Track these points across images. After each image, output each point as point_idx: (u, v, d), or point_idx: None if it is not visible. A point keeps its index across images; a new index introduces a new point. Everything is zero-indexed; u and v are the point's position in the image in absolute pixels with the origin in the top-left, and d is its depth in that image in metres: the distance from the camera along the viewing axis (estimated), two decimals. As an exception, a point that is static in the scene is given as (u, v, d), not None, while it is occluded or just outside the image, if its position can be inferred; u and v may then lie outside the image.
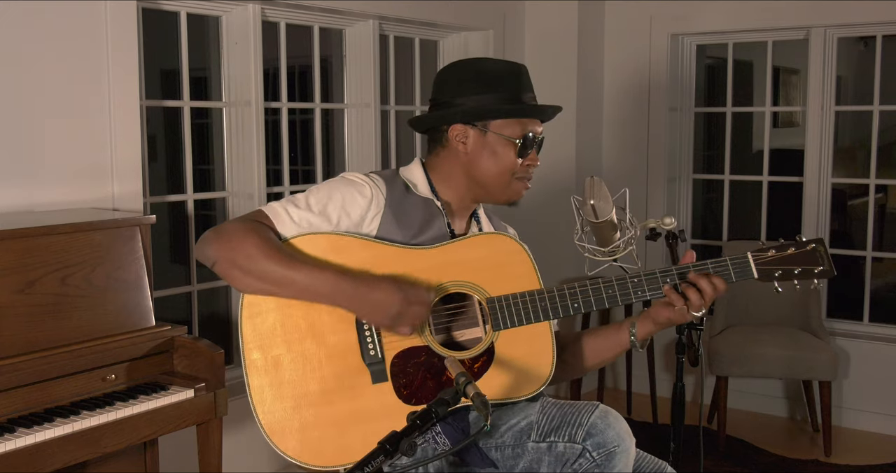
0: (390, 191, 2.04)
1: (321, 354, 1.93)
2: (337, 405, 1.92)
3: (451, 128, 2.07)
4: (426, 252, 2.00)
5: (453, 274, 2.00)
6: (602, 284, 2.02)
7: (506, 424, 1.97)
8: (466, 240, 2.04)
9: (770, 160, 4.91)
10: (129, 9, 3.08)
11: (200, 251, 1.92)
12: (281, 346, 1.92)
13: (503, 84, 2.05)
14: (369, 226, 2.00)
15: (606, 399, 4.79)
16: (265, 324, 1.92)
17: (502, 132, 2.04)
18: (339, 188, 2.00)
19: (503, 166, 2.05)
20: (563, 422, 1.89)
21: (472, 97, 2.04)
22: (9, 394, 2.26)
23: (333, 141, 5.78)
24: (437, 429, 1.98)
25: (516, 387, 1.98)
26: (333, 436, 1.90)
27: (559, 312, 2.01)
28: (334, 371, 1.93)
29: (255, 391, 1.91)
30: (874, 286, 4.71)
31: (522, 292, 2.01)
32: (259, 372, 1.91)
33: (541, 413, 1.94)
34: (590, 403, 1.92)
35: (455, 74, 2.11)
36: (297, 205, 1.96)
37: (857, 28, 4.56)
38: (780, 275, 2.05)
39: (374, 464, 1.49)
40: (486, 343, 2.00)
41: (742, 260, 2.05)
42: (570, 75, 4.81)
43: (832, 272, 2.06)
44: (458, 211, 2.14)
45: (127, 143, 3.10)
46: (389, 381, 1.94)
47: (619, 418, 1.89)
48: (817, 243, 2.06)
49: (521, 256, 2.04)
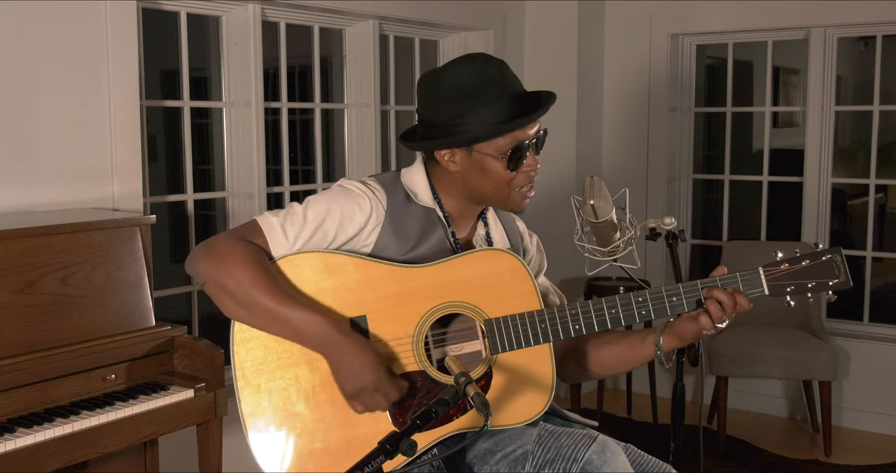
0: (391, 202, 1.98)
1: (315, 380, 1.88)
2: (331, 433, 1.87)
3: (437, 152, 1.99)
4: (422, 270, 1.93)
5: (450, 294, 1.93)
6: (605, 304, 1.95)
7: (501, 451, 1.91)
8: (465, 258, 1.95)
9: (770, 160, 4.92)
10: (129, 9, 3.08)
11: (191, 266, 1.87)
12: (274, 372, 1.87)
13: (486, 97, 1.92)
14: (367, 240, 1.95)
15: (606, 400, 4.79)
16: (257, 350, 1.87)
17: (487, 151, 1.93)
18: (338, 201, 1.94)
19: (497, 180, 1.96)
20: (557, 455, 1.83)
21: (455, 120, 1.92)
22: (9, 394, 2.26)
23: (333, 141, 5.79)
24: (433, 452, 1.93)
25: (515, 412, 1.92)
26: (328, 465, 1.86)
27: (560, 335, 1.94)
28: (328, 398, 1.88)
29: (247, 419, 1.87)
30: (874, 286, 4.71)
31: (521, 313, 1.93)
32: (251, 400, 1.87)
33: (537, 443, 1.87)
34: (587, 434, 1.86)
35: (434, 92, 1.98)
36: (294, 221, 1.90)
37: (857, 28, 4.56)
38: (793, 290, 1.96)
39: (374, 464, 1.49)
40: (483, 367, 1.94)
41: (752, 276, 1.96)
42: (570, 75, 4.81)
43: (848, 283, 1.96)
44: (463, 216, 2.08)
45: (127, 143, 3.10)
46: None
47: (616, 452, 1.83)
48: (834, 253, 1.96)
49: (521, 274, 1.96)
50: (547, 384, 1.94)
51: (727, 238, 4.97)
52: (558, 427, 1.92)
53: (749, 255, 4.50)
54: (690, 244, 5.23)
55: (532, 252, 2.22)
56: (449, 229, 2.04)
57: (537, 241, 2.25)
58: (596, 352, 2.11)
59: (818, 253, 1.97)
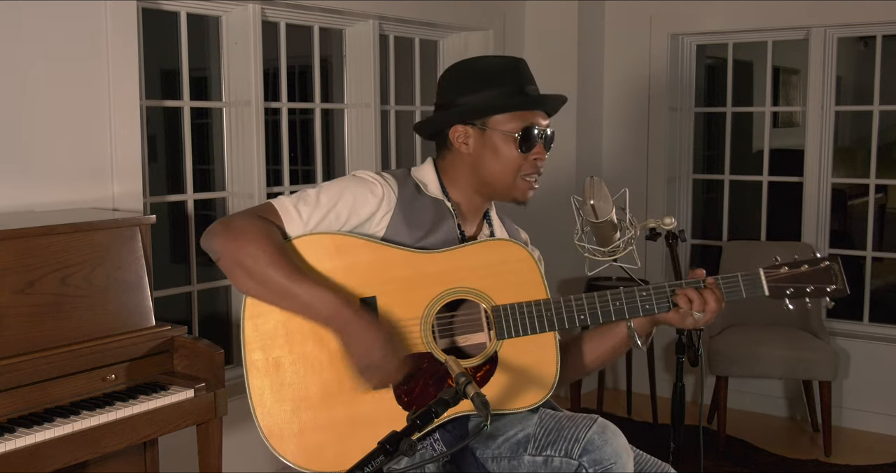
0: (402, 191, 2.02)
1: (323, 357, 1.91)
2: (337, 409, 1.90)
3: (452, 129, 2.05)
4: (433, 256, 1.98)
5: (459, 280, 1.97)
6: (610, 296, 2.00)
7: (503, 435, 1.95)
8: (475, 246, 2.01)
9: (770, 160, 4.91)
10: (129, 9, 3.08)
11: (207, 242, 1.90)
12: (283, 347, 1.91)
13: (501, 79, 2.02)
14: (378, 226, 1.98)
15: (606, 400, 4.79)
16: (267, 324, 1.91)
17: (501, 128, 2.01)
18: (351, 186, 1.98)
19: (506, 163, 2.02)
20: (559, 437, 1.87)
21: (470, 96, 2.02)
22: (9, 394, 2.26)
23: (333, 141, 5.79)
24: (435, 436, 1.96)
25: (519, 398, 1.96)
26: (332, 441, 1.89)
27: (565, 323, 1.99)
28: (336, 375, 1.91)
29: (255, 392, 1.89)
30: (874, 286, 4.71)
31: (528, 302, 1.98)
32: (260, 374, 1.90)
33: (538, 426, 1.91)
34: (588, 417, 1.90)
35: (454, 75, 2.09)
36: (307, 201, 1.94)
37: (857, 28, 4.56)
38: (792, 293, 2.02)
39: (374, 464, 1.49)
40: (489, 351, 1.98)
41: (753, 277, 2.02)
42: (570, 75, 4.81)
43: (846, 291, 2.03)
44: (469, 212, 2.12)
45: (127, 143, 3.10)
46: (390, 387, 1.92)
47: (617, 433, 1.87)
48: (832, 261, 2.04)
49: (528, 264, 2.02)
50: (551, 371, 1.99)
51: (727, 238, 4.97)
52: (559, 412, 1.98)
53: (749, 255, 4.50)
54: (690, 244, 5.23)
55: None
56: (456, 221, 2.08)
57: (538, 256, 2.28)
58: (574, 346, 2.17)
59: (817, 259, 2.04)
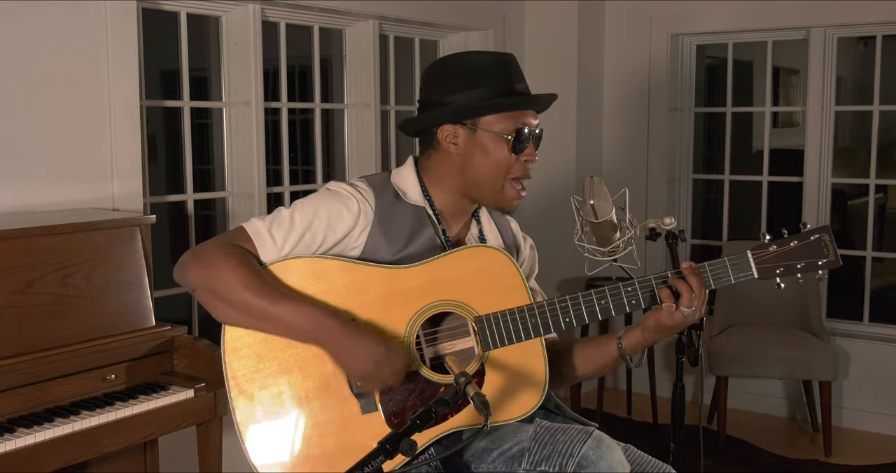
0: (379, 202, 1.96)
1: (308, 386, 1.87)
2: (327, 438, 1.86)
3: (440, 129, 1.98)
4: (410, 270, 1.92)
5: (440, 292, 1.92)
6: (594, 295, 1.94)
7: (498, 449, 1.91)
8: (453, 255, 1.94)
9: (770, 160, 4.92)
10: (129, 9, 3.08)
11: (180, 275, 1.87)
12: (266, 379, 1.86)
13: (490, 77, 1.96)
14: (357, 242, 1.94)
15: (607, 400, 4.79)
16: (249, 358, 1.87)
17: (493, 129, 1.95)
18: (326, 203, 1.93)
19: (496, 164, 1.96)
20: (553, 451, 1.83)
21: (459, 94, 1.95)
22: (9, 394, 2.26)
23: (333, 141, 5.79)
24: (430, 452, 1.92)
25: (508, 409, 1.92)
26: (325, 470, 1.85)
27: (550, 328, 1.93)
28: (322, 403, 1.87)
29: (242, 426, 1.86)
30: (874, 286, 4.71)
31: (511, 309, 1.92)
32: (245, 407, 1.86)
33: (533, 440, 1.87)
34: (583, 429, 1.86)
35: (440, 72, 2.02)
36: (281, 223, 1.89)
37: (857, 28, 4.56)
38: (783, 272, 1.95)
39: (374, 464, 1.49)
40: (475, 364, 1.93)
41: (741, 260, 1.94)
42: (570, 75, 4.81)
43: (838, 262, 1.95)
44: (455, 214, 2.06)
45: (127, 143, 3.10)
46: (379, 411, 1.88)
47: (612, 447, 1.83)
48: (822, 232, 1.95)
49: (509, 269, 1.95)
50: (540, 378, 1.94)
51: (727, 238, 4.97)
52: (555, 424, 1.92)
53: (749, 255, 4.50)
54: (690, 244, 5.23)
55: (525, 253, 2.21)
56: (440, 227, 2.02)
57: (531, 244, 2.24)
58: (566, 355, 2.11)
59: (806, 233, 1.96)
